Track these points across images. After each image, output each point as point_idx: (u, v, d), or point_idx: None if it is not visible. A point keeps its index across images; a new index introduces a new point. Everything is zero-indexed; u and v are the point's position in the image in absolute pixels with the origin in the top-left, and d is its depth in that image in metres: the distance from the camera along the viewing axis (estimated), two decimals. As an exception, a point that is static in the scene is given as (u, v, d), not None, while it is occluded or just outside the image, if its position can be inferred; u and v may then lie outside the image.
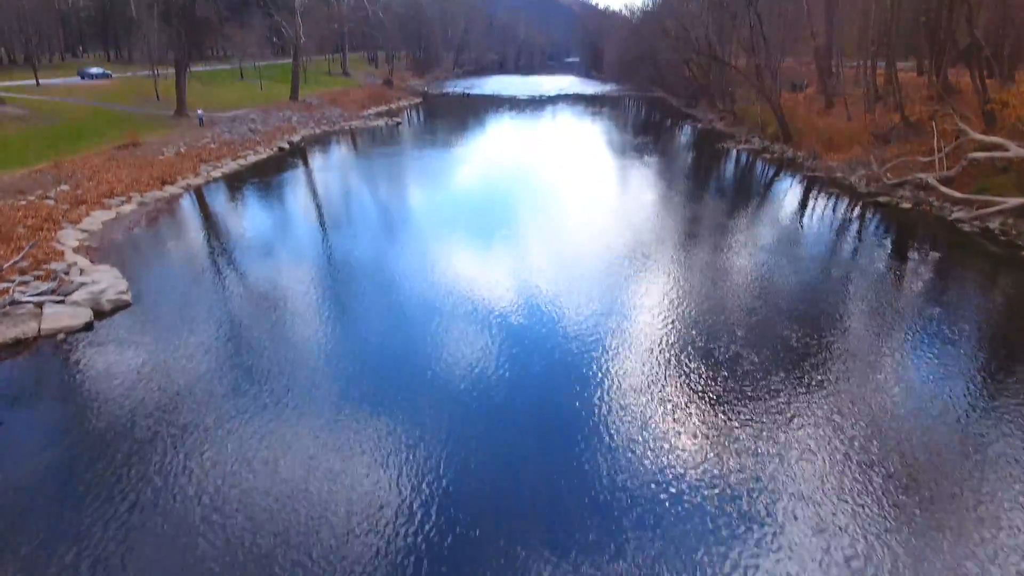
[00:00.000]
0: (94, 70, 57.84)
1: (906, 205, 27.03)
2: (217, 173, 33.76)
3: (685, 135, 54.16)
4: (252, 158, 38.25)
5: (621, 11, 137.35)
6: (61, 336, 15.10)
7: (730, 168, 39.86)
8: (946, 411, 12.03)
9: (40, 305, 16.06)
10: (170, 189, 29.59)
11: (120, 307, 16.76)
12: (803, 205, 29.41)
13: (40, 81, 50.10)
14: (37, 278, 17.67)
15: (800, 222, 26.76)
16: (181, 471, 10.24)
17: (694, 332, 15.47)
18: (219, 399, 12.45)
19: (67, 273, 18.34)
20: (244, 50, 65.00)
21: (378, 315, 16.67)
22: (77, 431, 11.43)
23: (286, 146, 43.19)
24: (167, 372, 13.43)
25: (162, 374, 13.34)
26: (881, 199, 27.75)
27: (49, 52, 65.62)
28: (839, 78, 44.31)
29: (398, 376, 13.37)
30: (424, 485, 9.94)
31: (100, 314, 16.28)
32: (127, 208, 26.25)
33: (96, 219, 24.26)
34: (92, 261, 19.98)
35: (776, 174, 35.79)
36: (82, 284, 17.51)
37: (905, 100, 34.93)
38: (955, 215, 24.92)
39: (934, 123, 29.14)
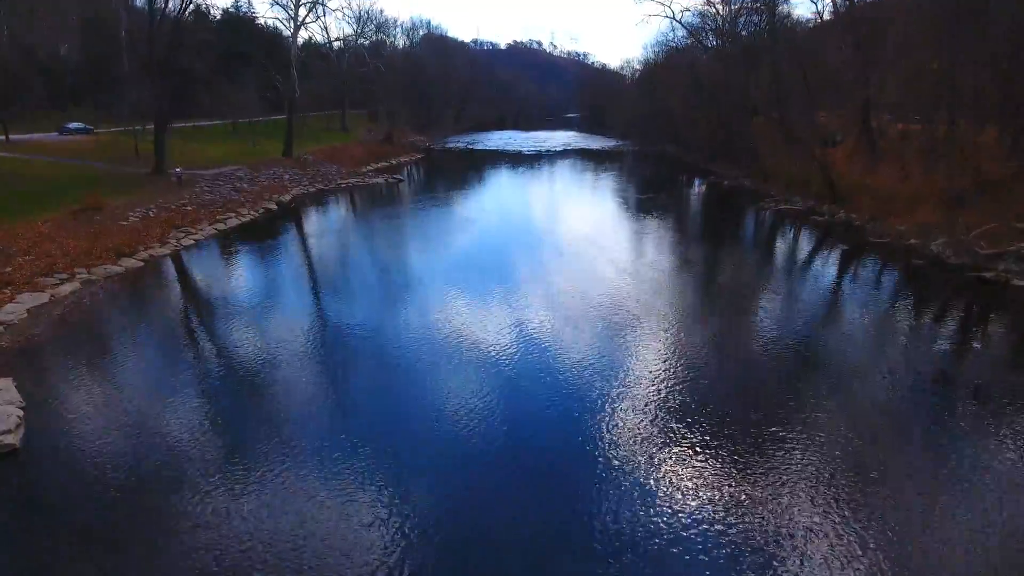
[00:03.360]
0: (74, 125, 53.83)
1: (1020, 282, 22.21)
2: (189, 241, 28.94)
3: (714, 193, 49.57)
4: (233, 221, 33.55)
5: (621, 69, 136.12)
6: None
7: (779, 233, 35.20)
8: None
9: None
10: (127, 262, 24.69)
11: (-1, 455, 11.59)
12: (892, 283, 24.38)
13: (11, 136, 45.92)
14: None
15: (898, 307, 21.81)
16: None
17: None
18: None
19: (-60, 398, 13.21)
20: (236, 106, 61.34)
21: (362, 476, 11.48)
22: None
23: (274, 207, 38.67)
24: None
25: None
26: (986, 275, 22.95)
27: (32, 106, 61.75)
28: (884, 133, 40.34)
29: None
30: None
31: (-35, 469, 11.12)
32: (66, 289, 21.25)
33: (21, 306, 19.22)
34: (-9, 372, 14.90)
35: (836, 240, 30.94)
36: (-45, 417, 12.37)
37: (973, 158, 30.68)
38: (1093, 297, 20.19)
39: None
